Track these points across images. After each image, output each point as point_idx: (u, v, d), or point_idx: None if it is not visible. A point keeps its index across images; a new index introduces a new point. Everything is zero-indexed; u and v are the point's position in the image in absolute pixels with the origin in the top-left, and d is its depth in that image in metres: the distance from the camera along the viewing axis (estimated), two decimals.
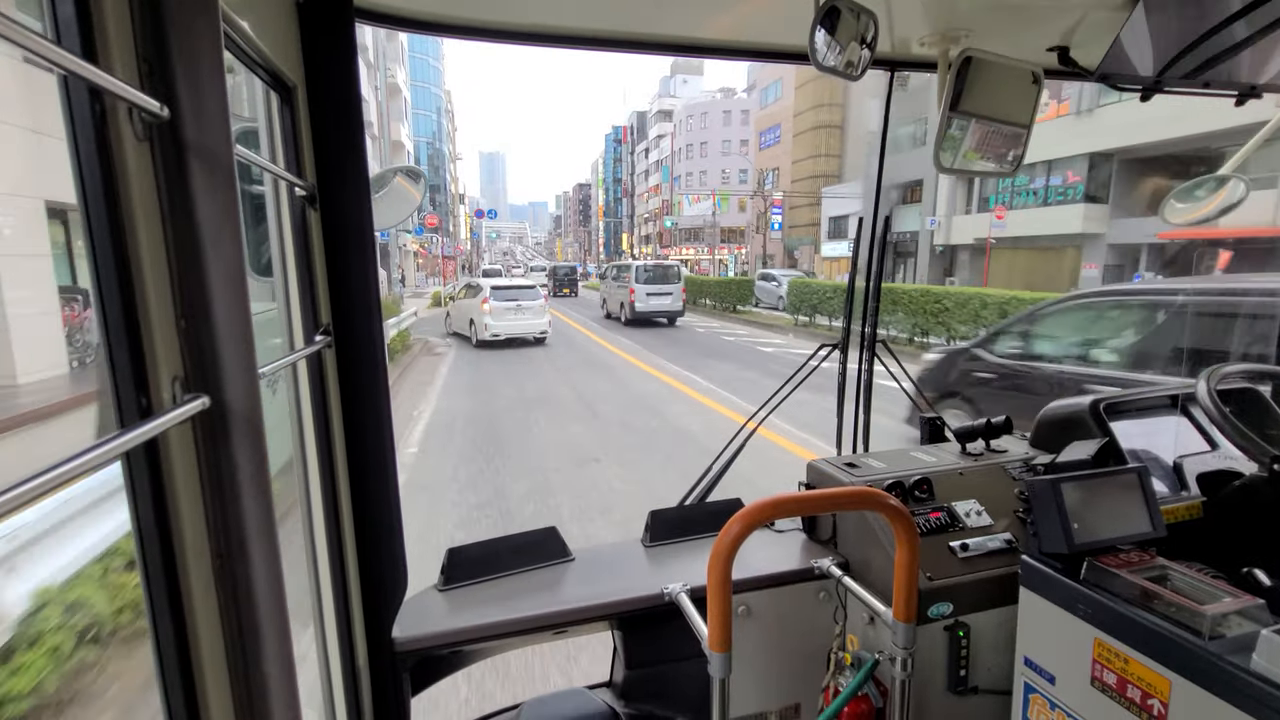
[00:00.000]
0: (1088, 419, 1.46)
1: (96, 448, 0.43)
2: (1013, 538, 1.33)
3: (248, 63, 0.83)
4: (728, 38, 1.40)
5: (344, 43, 1.02)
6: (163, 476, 0.55)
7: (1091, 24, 1.28)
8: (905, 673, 1.07)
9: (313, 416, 1.04)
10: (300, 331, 1.01)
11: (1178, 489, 1.39)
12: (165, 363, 0.54)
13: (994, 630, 1.28)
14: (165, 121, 0.51)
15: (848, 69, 1.17)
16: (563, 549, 1.49)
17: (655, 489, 5.09)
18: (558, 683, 2.69)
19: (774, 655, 1.40)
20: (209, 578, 0.57)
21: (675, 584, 1.28)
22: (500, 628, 1.26)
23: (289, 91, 0.94)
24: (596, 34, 1.32)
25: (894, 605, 1.06)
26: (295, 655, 0.66)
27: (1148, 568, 1.02)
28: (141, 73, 0.51)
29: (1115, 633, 0.98)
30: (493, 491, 5.11)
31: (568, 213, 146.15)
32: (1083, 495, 1.08)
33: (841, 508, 1.39)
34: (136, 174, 0.51)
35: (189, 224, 0.53)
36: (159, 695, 0.58)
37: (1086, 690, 1.03)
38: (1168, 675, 0.90)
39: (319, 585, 1.09)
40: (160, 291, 0.53)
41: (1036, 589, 1.11)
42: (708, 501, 1.72)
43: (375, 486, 1.15)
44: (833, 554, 1.44)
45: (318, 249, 1.03)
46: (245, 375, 0.57)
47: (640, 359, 12.12)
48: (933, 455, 1.56)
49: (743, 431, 1.84)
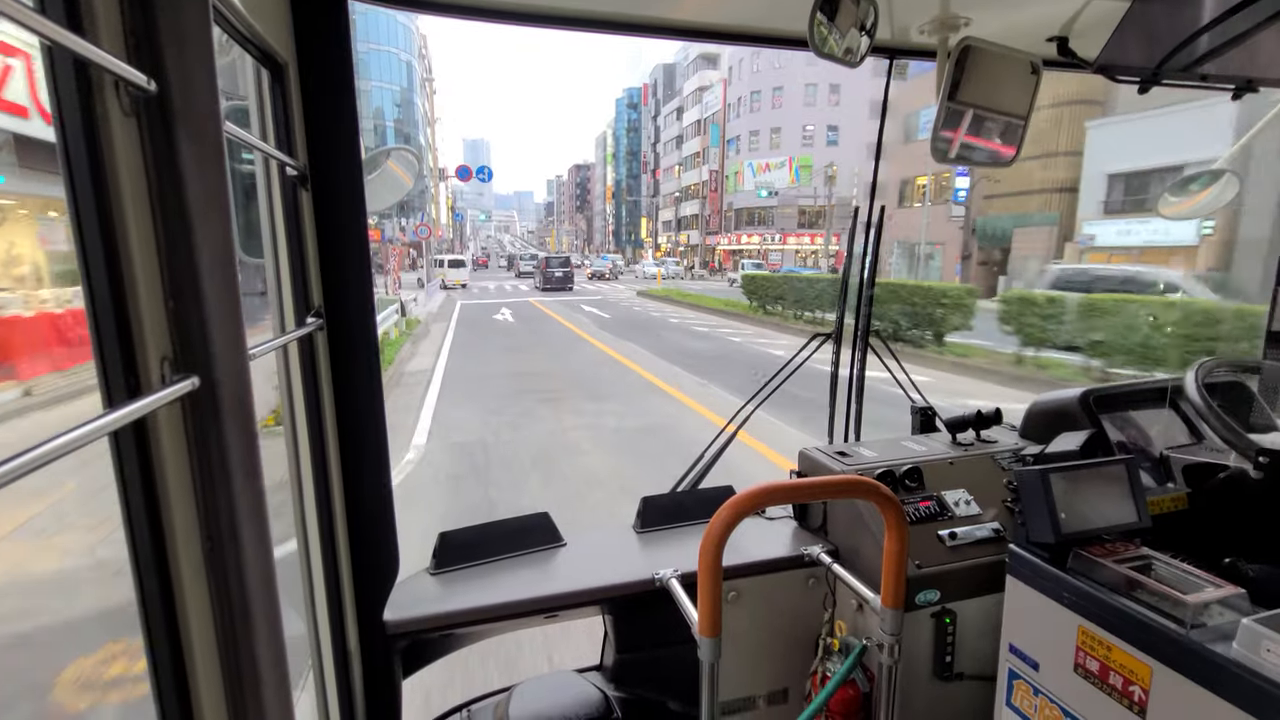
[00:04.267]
0: (1077, 410, 1.47)
1: (83, 426, 0.43)
2: (1001, 527, 1.35)
3: (238, 39, 0.81)
4: (726, 22, 1.39)
5: (337, 21, 1.00)
6: (151, 457, 0.54)
7: (1091, 15, 1.28)
8: (892, 659, 1.09)
9: (304, 399, 1.03)
10: (291, 313, 1.00)
11: (1164, 481, 1.41)
12: (153, 343, 0.53)
13: (980, 617, 1.29)
14: (153, 95, 0.50)
15: (847, 56, 1.16)
16: (554, 534, 1.50)
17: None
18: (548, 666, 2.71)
19: (763, 640, 1.42)
20: (199, 559, 0.57)
21: (666, 569, 1.29)
22: (492, 611, 1.27)
23: (280, 69, 0.93)
24: (592, 16, 1.30)
25: (882, 592, 1.07)
26: (286, 637, 0.66)
27: (1132, 558, 1.03)
28: (129, 45, 0.50)
29: (1099, 621, 0.99)
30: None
31: (561, 198, 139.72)
32: (1070, 486, 1.09)
33: (832, 496, 1.40)
34: (123, 149, 0.50)
35: (178, 201, 0.52)
36: (149, 677, 0.58)
37: (1069, 677, 1.04)
38: (1149, 663, 0.92)
39: (310, 568, 1.08)
40: (148, 270, 0.52)
41: (1023, 577, 1.12)
42: (699, 489, 1.72)
43: (367, 469, 1.15)
44: (823, 541, 1.46)
45: (309, 230, 1.02)
46: (235, 356, 0.56)
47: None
48: (923, 445, 1.57)
49: (735, 419, 1.84)
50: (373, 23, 44.14)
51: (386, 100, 46.72)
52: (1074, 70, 1.45)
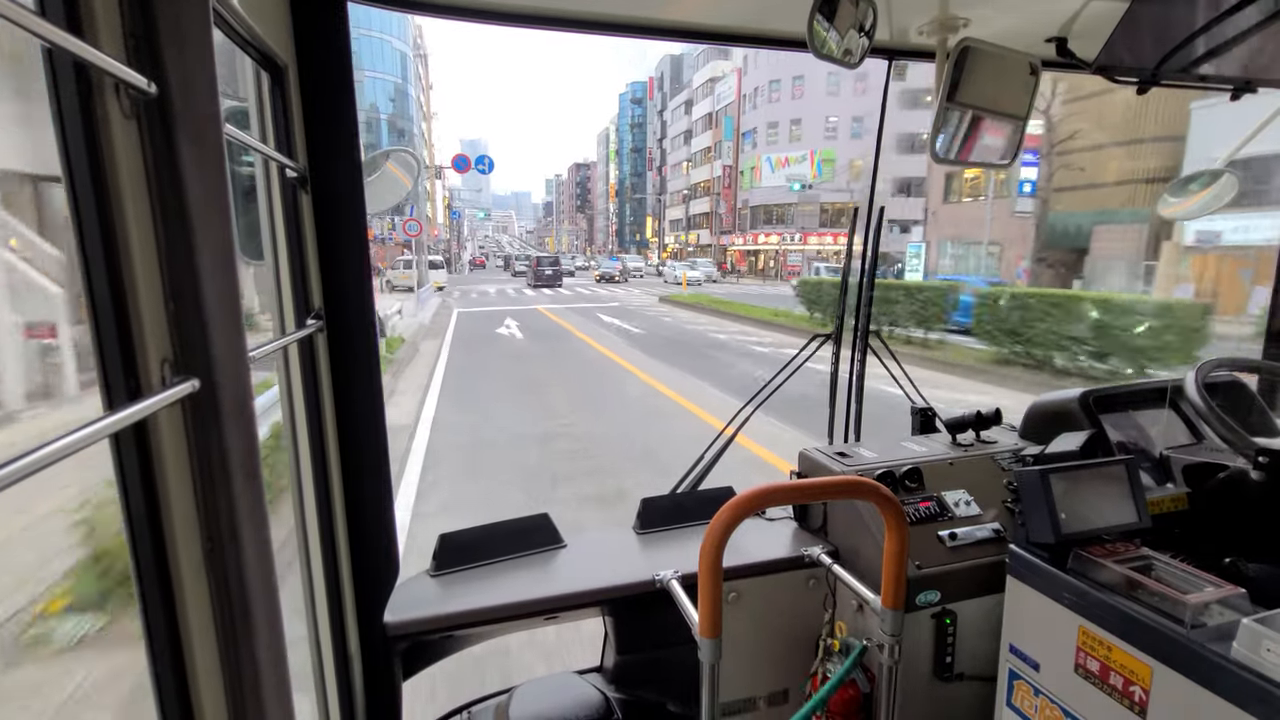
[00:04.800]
0: (1077, 411, 1.47)
1: (84, 428, 0.43)
2: (1001, 527, 1.35)
3: (238, 41, 0.81)
4: (724, 23, 1.39)
5: (336, 23, 1.00)
6: (152, 459, 0.54)
7: (1090, 15, 1.28)
8: (893, 659, 1.09)
9: (304, 401, 1.03)
10: (291, 315, 1.00)
11: (1164, 481, 1.41)
12: (154, 345, 0.53)
13: (980, 618, 1.29)
14: (153, 98, 0.50)
15: (845, 57, 1.17)
16: (554, 535, 1.50)
17: None
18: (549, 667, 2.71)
19: (763, 641, 1.42)
20: (199, 561, 0.57)
21: (666, 570, 1.29)
22: (492, 613, 1.27)
23: (280, 72, 0.93)
24: (592, 17, 1.31)
25: (882, 593, 1.07)
26: (286, 639, 0.66)
27: (1132, 558, 1.03)
28: (129, 48, 0.50)
29: (1099, 621, 0.99)
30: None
31: (561, 198, 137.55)
32: (1070, 486, 1.09)
33: (832, 496, 1.40)
34: (124, 151, 0.50)
35: (178, 203, 0.52)
36: (150, 679, 0.58)
37: (1070, 677, 1.04)
38: (1150, 663, 0.92)
39: (310, 569, 1.08)
40: (149, 272, 0.52)
41: (1023, 578, 1.12)
42: (699, 490, 1.72)
43: (367, 471, 1.15)
44: (823, 542, 1.45)
45: (309, 232, 1.02)
46: (235, 358, 0.56)
47: None
48: (923, 445, 1.57)
49: (735, 420, 1.84)
50: (364, 9, 42.46)
51: (380, 92, 44.58)
52: (1073, 71, 1.45)
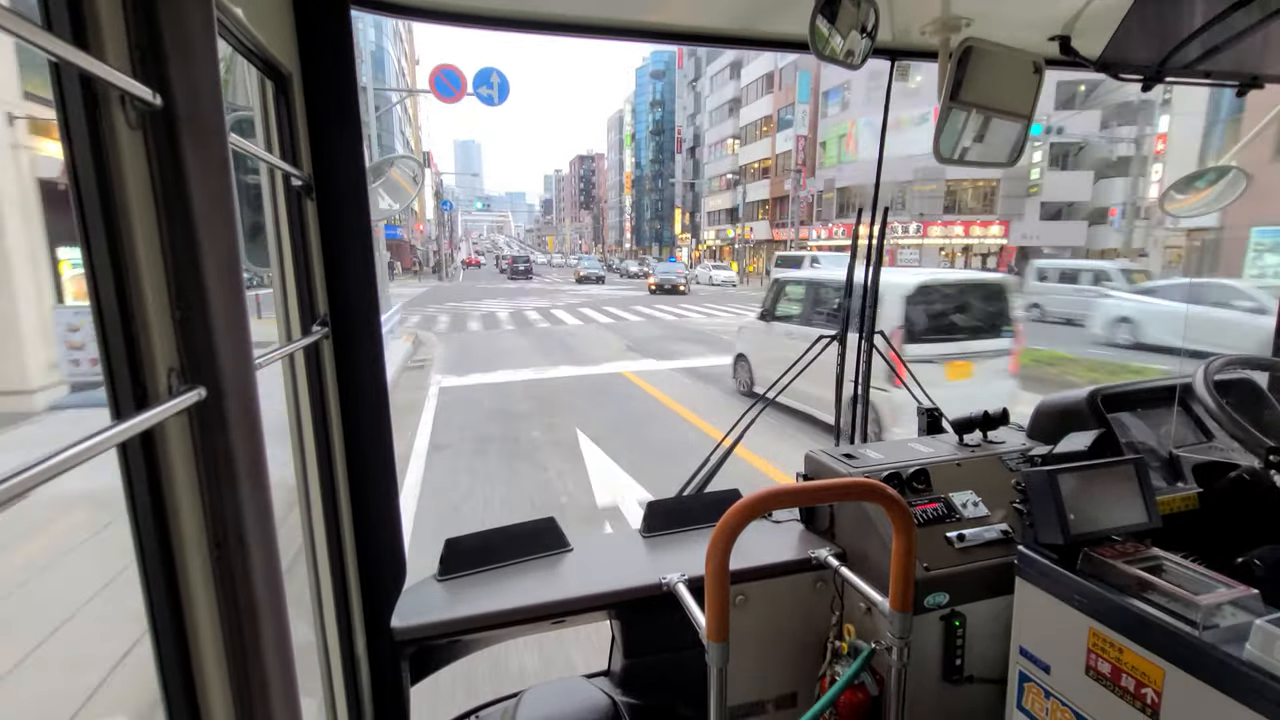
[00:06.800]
0: (1085, 410, 1.47)
1: (91, 438, 0.43)
2: (1009, 528, 1.34)
3: (242, 50, 0.82)
4: (726, 26, 1.39)
5: (340, 31, 1.01)
6: (159, 468, 0.55)
7: (1093, 13, 1.28)
8: (901, 662, 1.08)
9: (310, 408, 1.04)
10: (297, 322, 1.01)
11: (1174, 480, 1.40)
12: (161, 354, 0.53)
13: (989, 620, 1.28)
14: (159, 109, 0.51)
15: (848, 58, 1.17)
16: (560, 539, 1.50)
17: None
18: (556, 672, 2.70)
19: (771, 644, 1.41)
20: (207, 569, 0.57)
21: (673, 574, 1.29)
22: (499, 617, 1.27)
23: (284, 80, 0.94)
24: (594, 22, 1.31)
25: (890, 595, 1.07)
26: (294, 644, 0.66)
27: (1143, 558, 1.02)
28: (134, 60, 0.50)
29: (1110, 622, 0.98)
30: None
31: (561, 195, 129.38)
32: (1079, 486, 1.08)
33: (839, 498, 1.39)
34: (130, 162, 0.51)
35: (184, 213, 0.52)
36: (159, 685, 0.59)
37: (1081, 679, 1.03)
38: (1161, 665, 0.91)
39: (318, 575, 1.09)
40: (155, 282, 0.52)
41: (1032, 579, 1.12)
42: (705, 492, 1.72)
43: (374, 477, 1.16)
44: (830, 544, 1.45)
45: (314, 239, 1.02)
46: (241, 366, 0.57)
47: None
48: (930, 446, 1.57)
49: (741, 423, 1.84)
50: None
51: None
52: (1076, 69, 1.45)
